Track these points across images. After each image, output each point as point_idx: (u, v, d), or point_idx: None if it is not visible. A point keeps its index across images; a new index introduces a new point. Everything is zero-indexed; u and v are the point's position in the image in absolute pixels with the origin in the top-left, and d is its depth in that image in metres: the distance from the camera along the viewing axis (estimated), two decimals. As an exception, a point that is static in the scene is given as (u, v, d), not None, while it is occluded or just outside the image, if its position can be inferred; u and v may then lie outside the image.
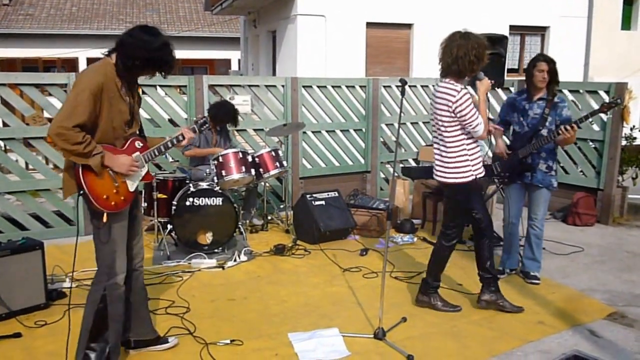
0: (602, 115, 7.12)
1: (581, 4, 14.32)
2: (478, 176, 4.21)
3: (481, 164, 4.24)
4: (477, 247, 4.50)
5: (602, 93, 7.18)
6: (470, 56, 3.99)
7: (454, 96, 4.05)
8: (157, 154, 3.49)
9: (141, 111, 6.68)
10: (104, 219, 3.21)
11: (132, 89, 3.38)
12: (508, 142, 5.25)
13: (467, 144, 4.19)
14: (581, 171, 7.49)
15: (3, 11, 23.34)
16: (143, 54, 3.17)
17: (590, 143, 7.36)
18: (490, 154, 5.22)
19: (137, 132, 3.48)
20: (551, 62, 4.85)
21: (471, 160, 4.20)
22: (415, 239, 6.48)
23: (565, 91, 7.53)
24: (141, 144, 3.43)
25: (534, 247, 5.14)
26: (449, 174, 4.24)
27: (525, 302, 4.67)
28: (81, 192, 3.17)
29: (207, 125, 3.89)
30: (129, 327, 3.66)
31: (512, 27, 13.47)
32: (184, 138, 3.58)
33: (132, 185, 3.35)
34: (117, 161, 3.24)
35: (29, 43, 22.29)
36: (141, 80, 3.49)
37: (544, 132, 4.90)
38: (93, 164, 3.11)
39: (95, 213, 3.24)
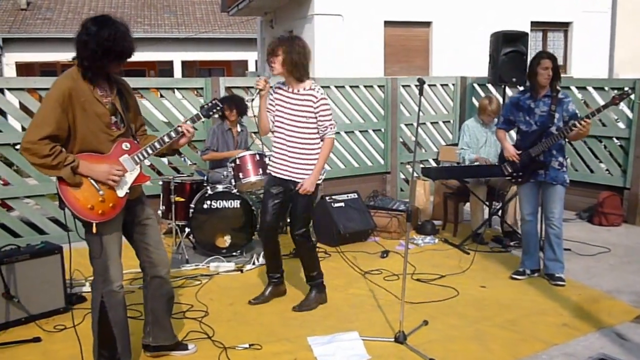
0: (628, 112, 7.00)
1: (605, -2, 14.10)
2: (270, 172, 4.49)
3: (276, 161, 4.43)
4: None
5: (627, 90, 7.00)
6: None
7: None
8: (149, 152, 3.27)
9: (158, 114, 6.79)
10: (94, 230, 3.11)
11: (113, 89, 3.20)
12: (512, 141, 5.23)
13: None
14: (607, 170, 7.34)
15: (21, 15, 23.56)
16: (92, 47, 2.94)
17: (616, 141, 7.21)
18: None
19: (131, 133, 3.31)
20: (554, 59, 4.86)
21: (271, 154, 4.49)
22: (437, 240, 6.39)
23: (590, 88, 7.39)
24: (129, 146, 3.22)
25: (555, 248, 5.02)
26: None
27: (550, 304, 4.58)
28: (64, 206, 3.09)
29: (218, 108, 3.55)
30: (149, 331, 3.64)
31: (533, 23, 13.27)
32: (180, 134, 3.34)
33: (121, 191, 3.19)
34: (95, 170, 3.08)
35: (47, 47, 22.34)
36: (157, 83, 3.38)
37: (553, 129, 4.86)
38: (64, 175, 3.00)
39: (85, 223, 3.16)
